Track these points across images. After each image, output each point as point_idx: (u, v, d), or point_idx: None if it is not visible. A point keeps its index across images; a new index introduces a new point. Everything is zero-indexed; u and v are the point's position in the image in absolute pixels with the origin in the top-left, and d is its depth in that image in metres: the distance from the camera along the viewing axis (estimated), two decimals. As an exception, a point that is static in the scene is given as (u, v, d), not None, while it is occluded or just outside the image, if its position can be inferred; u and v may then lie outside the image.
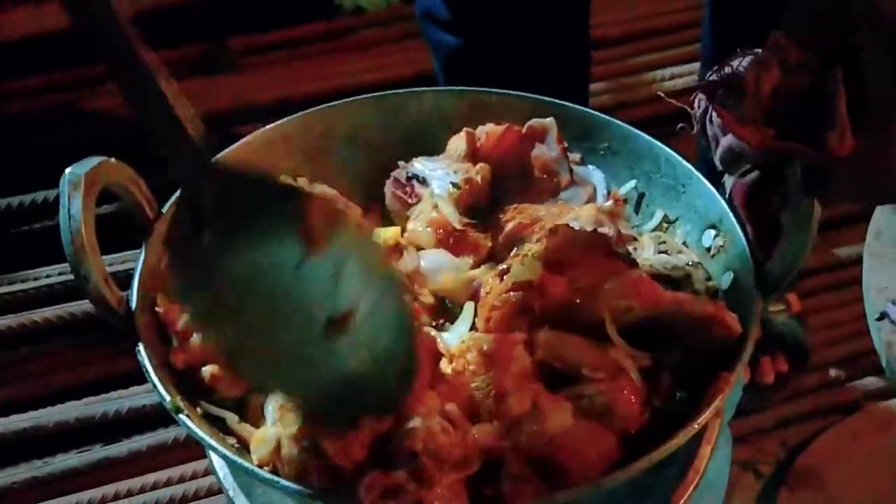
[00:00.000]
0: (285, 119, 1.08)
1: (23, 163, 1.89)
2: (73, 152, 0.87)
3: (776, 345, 1.53)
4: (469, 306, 0.93)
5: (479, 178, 1.03)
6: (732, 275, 0.94)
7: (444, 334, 0.91)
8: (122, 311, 0.87)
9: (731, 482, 1.48)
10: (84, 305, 1.66)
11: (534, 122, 1.06)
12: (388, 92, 1.11)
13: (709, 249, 0.99)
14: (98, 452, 1.54)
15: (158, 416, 1.58)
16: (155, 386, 0.84)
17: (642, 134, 1.08)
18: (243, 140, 1.04)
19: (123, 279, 0.91)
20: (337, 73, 2.09)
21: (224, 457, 0.81)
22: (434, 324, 0.93)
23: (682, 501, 0.92)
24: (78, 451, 1.56)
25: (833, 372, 1.67)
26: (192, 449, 1.55)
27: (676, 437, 0.80)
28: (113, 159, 0.88)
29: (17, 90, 2.02)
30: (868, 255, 1.20)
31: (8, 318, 1.66)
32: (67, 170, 0.85)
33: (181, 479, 1.52)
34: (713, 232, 0.98)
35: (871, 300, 1.16)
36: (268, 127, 1.07)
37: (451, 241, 1.00)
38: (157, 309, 0.90)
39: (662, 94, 1.03)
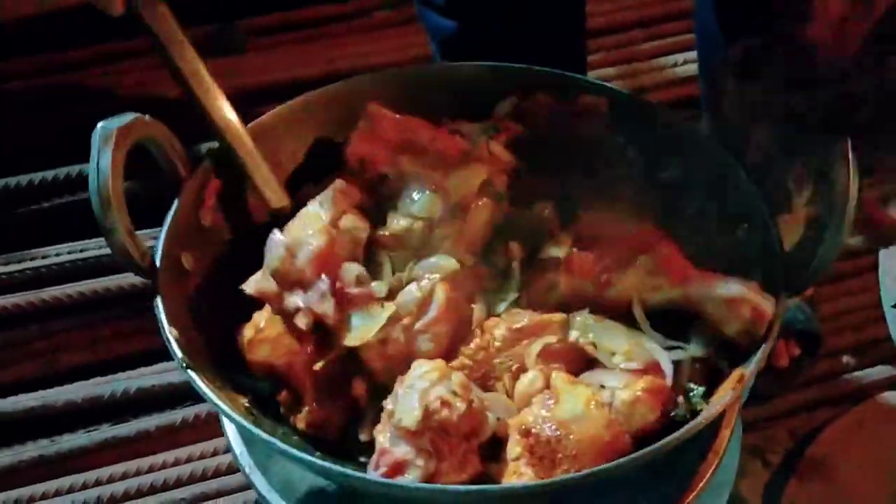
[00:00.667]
0: (309, 93, 1.08)
1: (30, 142, 1.88)
2: (80, 131, 0.87)
3: (789, 329, 1.53)
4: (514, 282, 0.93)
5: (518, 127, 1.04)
6: (759, 271, 0.94)
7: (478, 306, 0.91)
8: (146, 264, 0.88)
9: (740, 469, 1.49)
10: (93, 284, 1.66)
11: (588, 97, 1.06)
12: (413, 66, 1.12)
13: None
14: (106, 432, 1.55)
15: (167, 397, 1.58)
16: (168, 342, 0.84)
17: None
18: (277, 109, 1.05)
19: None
20: (347, 54, 2.08)
21: (235, 421, 0.82)
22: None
23: (701, 483, 0.92)
24: (86, 430, 1.56)
25: (844, 360, 1.66)
26: (201, 430, 1.55)
27: (695, 420, 0.79)
28: (147, 116, 0.89)
29: (23, 69, 2.01)
30: (882, 243, 1.20)
31: (16, 297, 1.65)
32: (100, 124, 0.86)
33: (189, 460, 1.52)
34: (746, 225, 0.98)
35: (886, 288, 1.15)
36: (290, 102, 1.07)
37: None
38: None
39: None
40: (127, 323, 1.64)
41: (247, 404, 0.90)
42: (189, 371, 0.83)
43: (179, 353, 0.83)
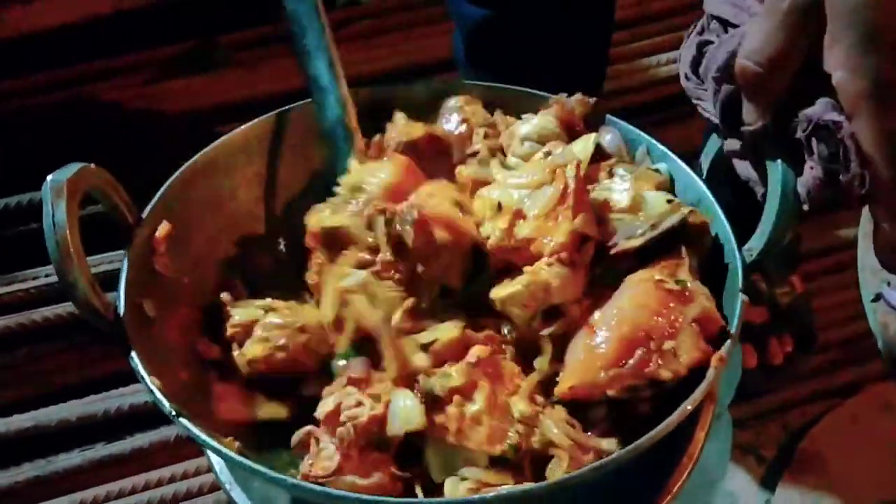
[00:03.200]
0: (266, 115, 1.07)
1: (18, 162, 1.88)
2: (68, 152, 0.87)
3: (782, 326, 1.54)
4: None
5: None
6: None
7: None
8: (111, 316, 0.87)
9: (733, 467, 1.50)
10: (83, 304, 1.66)
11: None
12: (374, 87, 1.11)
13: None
14: (101, 450, 1.54)
15: (161, 414, 1.55)
16: (152, 391, 0.84)
17: (619, 121, 1.07)
18: (222, 138, 1.03)
19: (109, 280, 0.91)
20: (330, 66, 2.08)
21: (224, 456, 0.81)
22: None
23: (676, 488, 0.92)
24: (81, 449, 1.56)
25: (834, 354, 1.67)
26: (196, 446, 1.54)
27: (664, 423, 0.79)
28: (92, 165, 0.88)
29: (12, 88, 2.01)
30: (862, 235, 1.20)
31: (7, 319, 1.65)
32: (49, 177, 0.84)
33: (185, 476, 1.52)
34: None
35: (866, 282, 1.15)
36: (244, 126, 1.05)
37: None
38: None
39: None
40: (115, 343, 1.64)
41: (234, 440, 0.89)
42: (181, 420, 0.82)
43: (167, 404, 0.83)
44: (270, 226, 1.06)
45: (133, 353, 0.85)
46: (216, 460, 0.99)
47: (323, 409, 0.86)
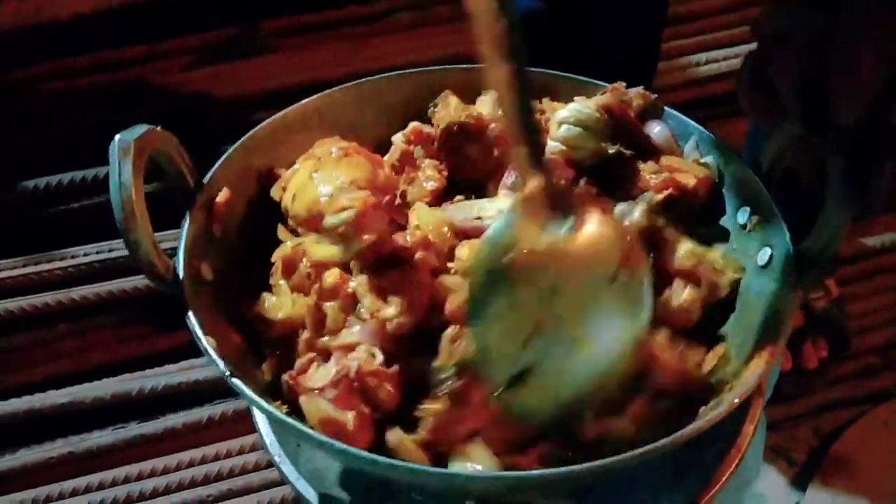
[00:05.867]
0: (325, 92, 1.09)
1: (59, 143, 1.90)
2: (109, 132, 0.88)
3: (817, 331, 1.53)
4: None
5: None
6: (769, 251, 0.94)
7: None
8: (170, 277, 0.88)
9: (764, 468, 1.49)
10: (121, 284, 1.68)
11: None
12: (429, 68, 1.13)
13: (744, 226, 0.99)
14: (134, 430, 1.56)
15: (193, 395, 1.60)
16: (207, 352, 0.84)
17: (677, 114, 1.07)
18: (277, 115, 1.05)
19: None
20: (370, 56, 2.08)
21: (274, 418, 0.82)
22: None
23: (723, 479, 0.92)
24: (114, 428, 1.57)
25: (867, 360, 1.66)
26: (228, 427, 1.56)
27: (717, 410, 0.80)
28: (158, 128, 0.89)
29: (57, 70, 2.03)
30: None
31: (46, 296, 1.67)
32: (117, 136, 0.85)
33: (216, 457, 1.53)
34: (748, 209, 0.99)
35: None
36: (303, 101, 1.08)
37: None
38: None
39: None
40: (153, 321, 1.66)
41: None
42: (234, 380, 0.83)
43: (222, 364, 0.84)
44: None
45: (190, 314, 0.86)
46: (266, 433, 1.00)
47: (341, 341, 0.88)
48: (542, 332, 0.83)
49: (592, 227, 0.85)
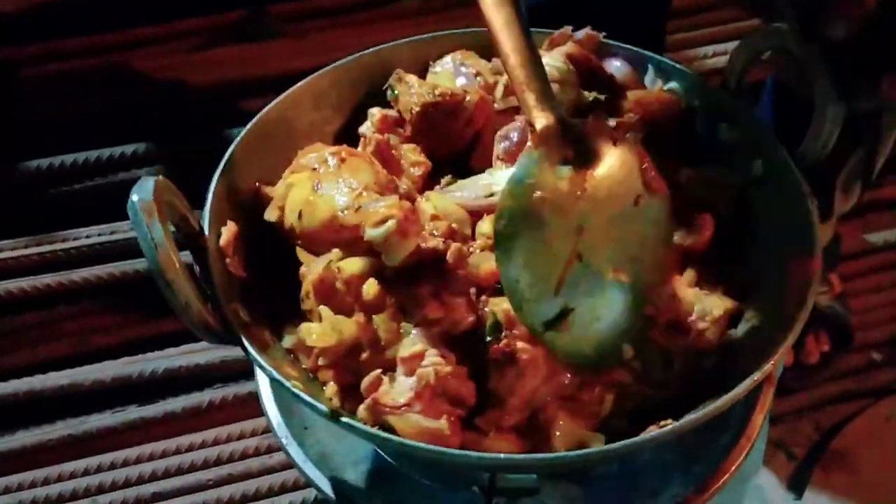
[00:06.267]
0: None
1: (60, 124, 1.89)
2: (111, 114, 0.87)
3: (819, 325, 1.53)
4: None
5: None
6: (761, 162, 0.94)
7: None
8: (221, 329, 0.85)
9: (765, 461, 1.49)
10: (122, 266, 1.68)
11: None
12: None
13: (728, 143, 0.99)
14: (133, 412, 1.56)
15: (193, 379, 1.60)
16: (299, 397, 0.82)
17: (628, 46, 1.07)
18: (243, 132, 1.00)
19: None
20: (377, 41, 2.04)
21: (397, 445, 0.82)
22: None
23: (733, 468, 0.93)
24: (113, 410, 1.57)
25: (869, 355, 1.66)
26: (228, 412, 1.56)
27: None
28: (160, 177, 0.84)
29: (57, 51, 2.02)
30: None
31: (48, 277, 1.67)
32: (134, 198, 0.80)
33: (215, 442, 1.53)
34: (724, 124, 0.98)
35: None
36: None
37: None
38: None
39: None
40: (155, 304, 1.65)
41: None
42: (344, 419, 0.82)
43: (323, 406, 0.82)
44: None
45: (262, 361, 0.83)
46: (274, 415, 1.00)
47: (407, 351, 0.85)
48: (572, 272, 0.84)
49: (610, 156, 0.86)
